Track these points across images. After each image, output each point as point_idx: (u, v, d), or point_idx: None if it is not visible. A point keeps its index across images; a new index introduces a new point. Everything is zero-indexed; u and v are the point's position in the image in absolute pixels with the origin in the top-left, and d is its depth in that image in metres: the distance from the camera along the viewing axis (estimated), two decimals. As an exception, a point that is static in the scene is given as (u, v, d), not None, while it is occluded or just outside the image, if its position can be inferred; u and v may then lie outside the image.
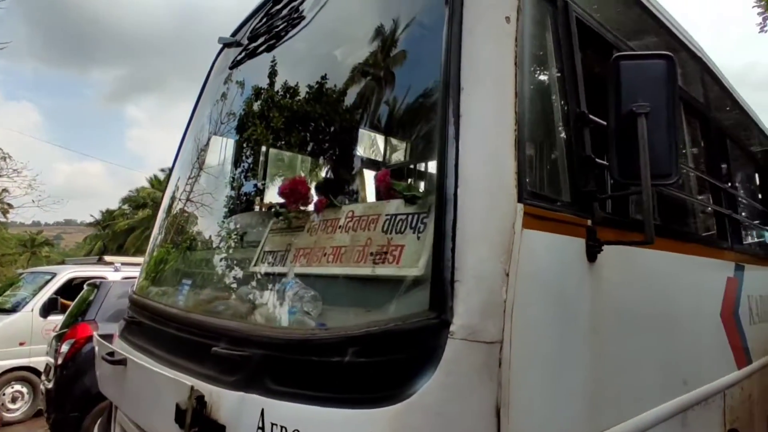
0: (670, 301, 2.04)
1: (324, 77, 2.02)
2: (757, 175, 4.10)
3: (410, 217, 1.48)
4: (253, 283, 1.93)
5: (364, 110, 1.91)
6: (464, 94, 1.33)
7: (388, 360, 1.19)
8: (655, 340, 1.91)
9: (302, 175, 2.03)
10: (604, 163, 1.60)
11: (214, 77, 2.79)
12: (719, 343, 2.49)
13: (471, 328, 1.15)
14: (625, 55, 1.60)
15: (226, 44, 2.68)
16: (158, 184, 28.06)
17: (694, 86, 2.81)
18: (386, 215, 1.56)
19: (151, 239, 2.80)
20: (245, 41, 2.44)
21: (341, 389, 1.23)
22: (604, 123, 1.57)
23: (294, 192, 1.88)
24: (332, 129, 1.99)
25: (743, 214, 3.51)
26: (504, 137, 1.32)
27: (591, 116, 1.64)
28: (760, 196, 4.06)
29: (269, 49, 2.24)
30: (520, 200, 1.29)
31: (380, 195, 1.67)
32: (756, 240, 3.66)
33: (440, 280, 1.20)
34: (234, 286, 2.03)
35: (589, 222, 1.56)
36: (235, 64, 2.50)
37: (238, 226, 2.29)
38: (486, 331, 1.17)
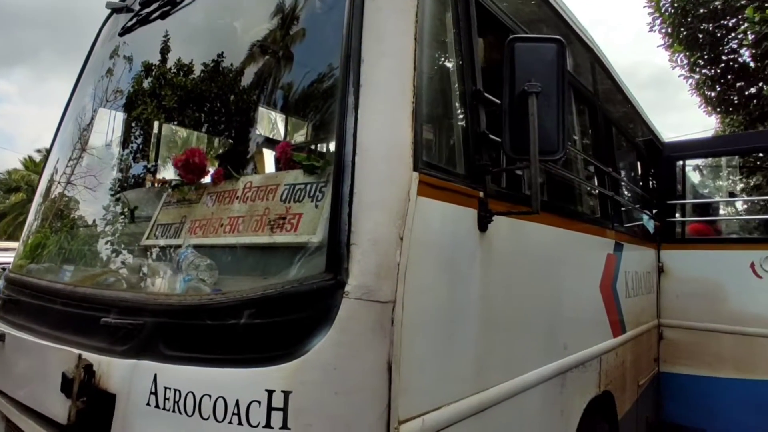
0: (554, 272, 2.32)
1: (223, 46, 2.03)
2: (639, 163, 4.64)
3: (309, 186, 1.57)
4: (146, 255, 1.92)
5: (266, 81, 1.95)
6: (365, 65, 1.43)
7: (284, 321, 1.28)
8: (539, 307, 2.16)
9: (198, 147, 2.03)
10: (498, 139, 1.78)
11: (101, 47, 2.67)
12: (598, 313, 2.85)
13: (365, 288, 1.27)
14: (519, 37, 1.79)
15: (115, 9, 2.57)
16: (34, 166, 25.86)
17: (585, 75, 3.14)
18: (285, 185, 1.64)
19: (27, 224, 2.65)
20: (136, 6, 2.36)
21: (238, 351, 1.31)
22: (499, 101, 1.75)
23: (189, 163, 1.89)
24: (232, 101, 2.01)
25: (625, 197, 3.99)
26: (402, 108, 1.44)
27: (486, 94, 1.82)
28: (641, 182, 4.61)
29: (163, 16, 2.19)
30: (415, 169, 1.42)
31: (280, 166, 1.74)
32: (634, 222, 4.18)
33: (337, 243, 1.30)
34: (125, 259, 2.00)
35: (482, 194, 1.74)
36: (125, 32, 2.41)
37: (129, 201, 2.24)
38: (380, 291, 1.29)
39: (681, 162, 4.59)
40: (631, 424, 3.45)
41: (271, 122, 1.89)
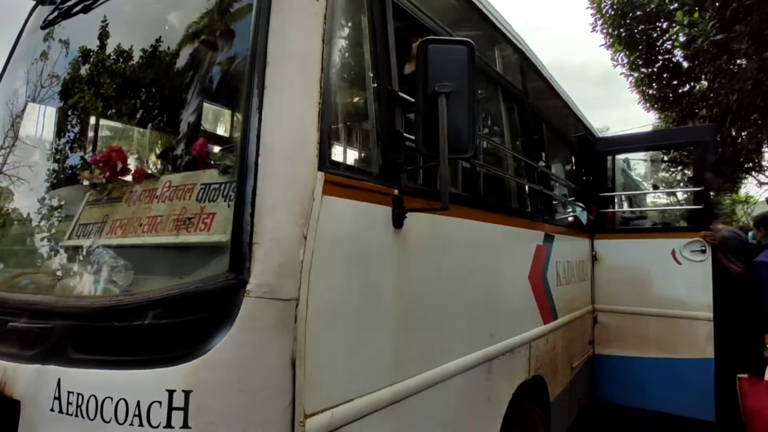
0: (478, 264, 2.35)
1: (137, 44, 1.97)
2: (573, 158, 4.77)
3: (223, 185, 1.54)
4: (63, 256, 1.85)
5: (181, 80, 1.90)
6: (270, 67, 1.41)
7: (187, 320, 1.26)
8: (462, 299, 2.19)
9: (119, 144, 1.96)
10: (412, 137, 1.79)
11: (26, 39, 2.54)
12: (527, 302, 2.92)
13: (267, 287, 1.26)
14: (432, 39, 1.79)
15: (40, 1, 2.46)
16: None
17: (513, 74, 3.19)
18: (201, 184, 1.60)
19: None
20: None
21: (142, 352, 1.27)
22: (413, 101, 1.76)
23: (109, 162, 1.83)
24: (148, 99, 1.95)
25: (557, 191, 4.09)
26: (307, 109, 1.43)
27: (401, 94, 1.83)
28: (575, 176, 4.74)
29: (85, 10, 2.11)
30: (321, 169, 1.42)
31: (197, 165, 1.70)
32: (568, 214, 4.30)
33: (239, 243, 1.28)
34: (43, 261, 1.93)
35: (396, 191, 1.75)
36: (47, 25, 2.30)
37: (54, 200, 2.15)
38: (282, 289, 1.28)
39: (611, 156, 4.73)
40: (563, 406, 3.55)
41: (188, 118, 1.84)
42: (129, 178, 1.85)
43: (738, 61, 11.12)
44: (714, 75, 11.92)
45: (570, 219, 4.26)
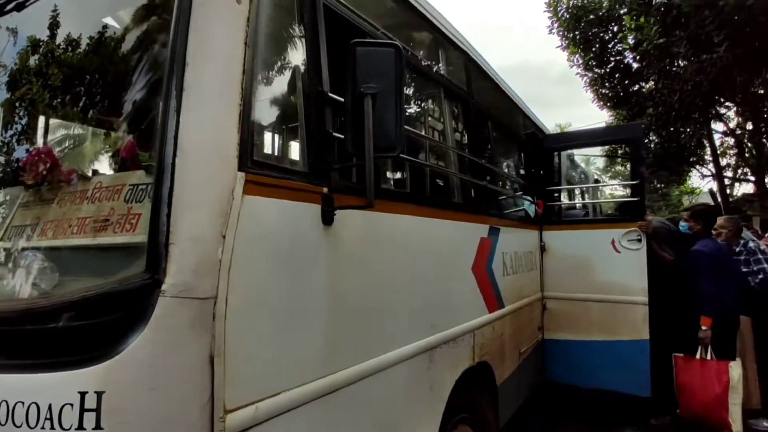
0: (418, 259, 2.34)
1: (61, 46, 1.89)
2: (522, 154, 4.82)
3: (149, 186, 1.49)
4: (-6, 260, 1.77)
5: (110, 80, 1.83)
6: (189, 68, 1.36)
7: (102, 322, 1.21)
8: (402, 292, 2.18)
9: (48, 146, 1.88)
10: (341, 137, 1.77)
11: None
12: (471, 292, 2.93)
13: (183, 286, 1.22)
14: (360, 42, 1.76)
15: None
16: None
17: (456, 74, 3.19)
18: (130, 185, 1.55)
19: None
20: None
21: (56, 355, 1.22)
22: (342, 101, 1.73)
23: (38, 163, 1.75)
24: (77, 99, 1.88)
25: (503, 185, 4.13)
26: (227, 111, 1.39)
27: (331, 95, 1.80)
28: (524, 171, 4.79)
29: (18, 8, 2.01)
30: (242, 169, 1.38)
31: (127, 165, 1.64)
32: (515, 207, 4.34)
33: (155, 243, 1.24)
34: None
35: (326, 189, 1.73)
36: None
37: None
38: (199, 288, 1.25)
39: (557, 153, 4.80)
40: (511, 390, 3.59)
41: (120, 121, 1.78)
42: (60, 179, 1.78)
43: (679, 63, 11.45)
44: (659, 76, 12.26)
45: (518, 212, 4.31)
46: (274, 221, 1.51)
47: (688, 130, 13.96)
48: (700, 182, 18.80)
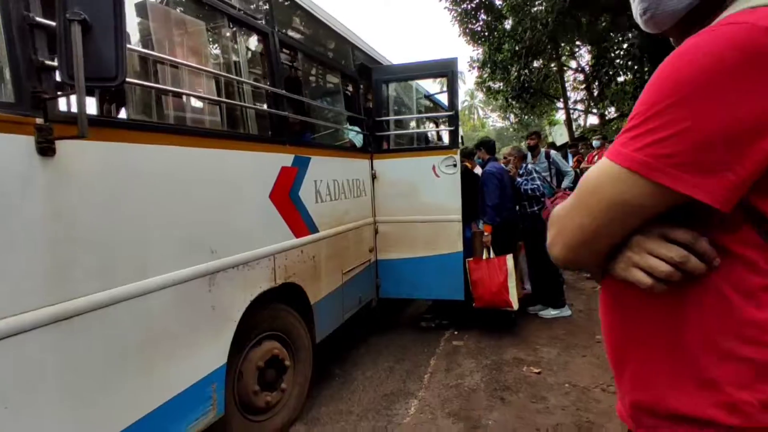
0: (187, 188, 2.33)
1: None
2: (352, 86, 4.88)
3: None
4: None
5: None
6: None
7: None
8: (161, 221, 2.16)
9: None
10: (55, 64, 1.68)
11: None
12: (270, 219, 3.02)
13: None
14: None
15: None
16: None
17: (254, 7, 3.09)
18: None
19: None
20: None
21: None
22: (53, 25, 1.63)
23: None
24: None
25: (318, 116, 4.20)
26: None
27: (38, 19, 1.68)
28: (355, 102, 4.86)
29: None
30: None
31: None
32: (337, 137, 4.46)
33: None
34: None
35: (40, 120, 1.65)
36: None
37: None
38: None
39: (386, 84, 4.93)
40: (332, 306, 3.86)
41: None
42: None
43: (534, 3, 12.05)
44: (516, 14, 12.81)
45: (339, 142, 4.42)
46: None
47: (541, 66, 14.94)
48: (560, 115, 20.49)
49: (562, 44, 14.29)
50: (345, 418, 3.34)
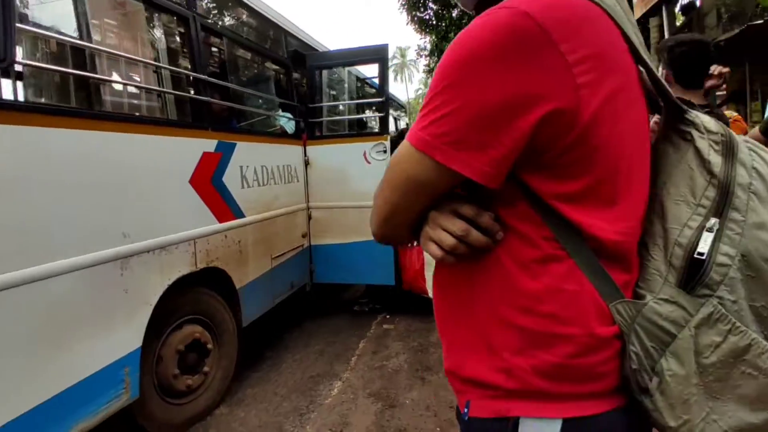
0: (92, 174, 2.31)
1: None
2: (284, 72, 4.88)
3: None
4: None
5: None
6: None
7: None
8: (61, 207, 2.15)
9: None
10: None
11: None
12: (190, 204, 3.03)
13: None
14: None
15: None
16: None
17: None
18: None
19: None
20: None
21: None
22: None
23: None
24: None
25: (244, 102, 4.20)
26: None
27: None
28: (286, 89, 4.86)
29: None
30: None
31: None
32: (268, 123, 4.46)
33: None
34: None
35: None
36: None
37: None
38: None
39: (319, 71, 4.96)
40: (260, 290, 3.90)
41: None
42: None
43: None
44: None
45: (268, 128, 4.43)
46: None
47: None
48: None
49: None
50: (269, 399, 3.42)
